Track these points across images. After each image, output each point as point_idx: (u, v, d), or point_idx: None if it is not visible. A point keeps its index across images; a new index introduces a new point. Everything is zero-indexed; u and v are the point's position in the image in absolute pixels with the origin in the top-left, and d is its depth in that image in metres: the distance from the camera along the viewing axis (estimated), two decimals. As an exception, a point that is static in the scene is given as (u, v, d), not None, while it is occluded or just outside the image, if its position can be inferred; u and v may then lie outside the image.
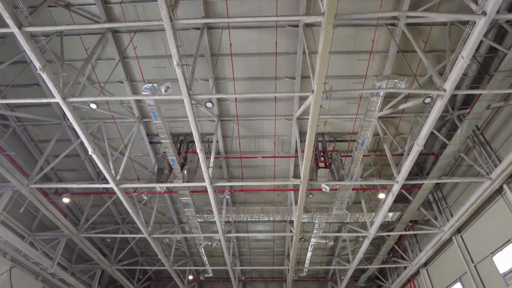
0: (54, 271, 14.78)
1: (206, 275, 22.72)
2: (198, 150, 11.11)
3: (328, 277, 24.66)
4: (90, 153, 11.13)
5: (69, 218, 16.04)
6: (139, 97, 10.50)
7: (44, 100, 10.33)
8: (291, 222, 18.09)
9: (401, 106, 11.62)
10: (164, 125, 11.49)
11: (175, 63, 8.43)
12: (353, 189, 15.56)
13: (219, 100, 13.28)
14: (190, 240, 21.47)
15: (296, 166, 15.38)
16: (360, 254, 16.51)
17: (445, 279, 15.65)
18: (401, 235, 18.95)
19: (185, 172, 13.15)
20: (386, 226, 19.00)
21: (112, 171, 12.26)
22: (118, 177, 12.53)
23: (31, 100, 10.40)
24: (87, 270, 18.89)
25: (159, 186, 13.87)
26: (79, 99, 9.87)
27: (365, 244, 15.66)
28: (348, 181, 13.78)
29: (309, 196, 14.01)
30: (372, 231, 14.88)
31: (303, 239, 16.35)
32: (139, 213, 14.72)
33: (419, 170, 16.26)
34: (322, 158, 13.56)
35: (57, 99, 9.50)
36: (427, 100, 9.61)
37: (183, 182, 13.21)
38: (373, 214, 15.66)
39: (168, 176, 13.41)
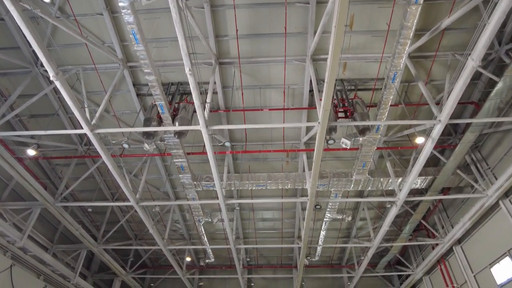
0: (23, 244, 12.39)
1: (207, 261, 20.39)
2: (192, 89, 8.86)
3: (343, 263, 22.24)
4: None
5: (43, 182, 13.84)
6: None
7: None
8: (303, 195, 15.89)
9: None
10: (148, 55, 9.26)
11: None
12: (377, 148, 13.23)
13: (217, 36, 11.06)
14: (189, 221, 19.24)
15: (309, 127, 13.03)
16: (385, 226, 14.11)
17: (488, 255, 13.22)
18: (429, 210, 16.56)
19: (177, 123, 10.94)
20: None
21: (88, 115, 10.07)
22: (94, 122, 10.30)
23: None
24: (71, 251, 16.68)
25: (146, 144, 11.71)
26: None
27: (392, 213, 13.28)
28: (374, 133, 11.51)
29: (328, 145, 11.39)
30: (402, 195, 12.51)
31: (318, 206, 13.99)
32: (125, 177, 12.52)
33: (452, 128, 13.91)
34: (342, 105, 11.29)
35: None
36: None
37: (175, 135, 11.01)
38: (400, 179, 13.31)
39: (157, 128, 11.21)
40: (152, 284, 23.09)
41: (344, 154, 15.12)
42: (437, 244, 16.20)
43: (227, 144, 12.05)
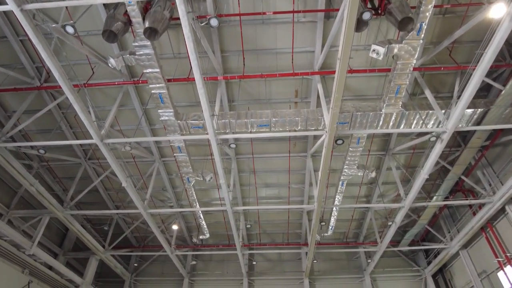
0: None
1: (201, 237, 17.31)
2: None
3: (360, 240, 19.15)
4: None
5: None
6: None
7: None
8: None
9: None
10: None
11: None
12: (414, 69, 10.22)
13: None
14: (179, 187, 16.24)
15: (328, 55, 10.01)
16: (424, 174, 10.99)
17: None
18: (468, 167, 13.50)
19: (148, 21, 7.97)
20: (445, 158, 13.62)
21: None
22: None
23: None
24: (30, 218, 13.73)
25: (112, 60, 8.73)
26: None
27: (437, 151, 10.17)
28: (415, 36, 8.48)
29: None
30: (450, 125, 9.43)
31: (340, 141, 10.93)
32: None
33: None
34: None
35: None
36: None
37: (145, 33, 8.00)
38: (445, 112, 10.25)
39: (122, 29, 8.24)
40: (135, 265, 20.03)
41: (369, 91, 12.11)
42: (481, 207, 13.16)
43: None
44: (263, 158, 14.71)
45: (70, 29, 7.10)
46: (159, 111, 10.43)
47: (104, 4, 9.40)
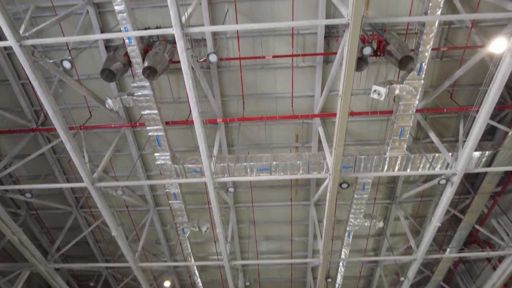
0: None
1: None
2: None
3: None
4: None
5: None
6: None
7: None
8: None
9: None
10: None
11: None
12: (417, 111, 10.05)
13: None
14: (173, 240, 15.22)
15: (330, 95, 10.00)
16: (435, 222, 10.17)
17: None
18: (481, 215, 12.72)
19: (148, 61, 8.01)
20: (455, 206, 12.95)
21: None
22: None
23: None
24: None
25: (110, 100, 8.64)
26: None
27: (447, 196, 9.53)
28: (416, 76, 8.46)
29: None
30: (460, 167, 8.95)
31: (345, 185, 10.28)
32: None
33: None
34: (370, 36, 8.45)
35: None
36: None
37: (144, 72, 7.98)
38: (452, 154, 9.84)
39: (121, 70, 8.25)
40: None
41: (371, 136, 11.89)
42: (500, 260, 12.13)
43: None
44: (264, 207, 14.00)
45: (67, 64, 7.05)
46: (155, 154, 10.08)
47: (106, 48, 9.57)
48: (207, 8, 9.03)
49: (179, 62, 7.00)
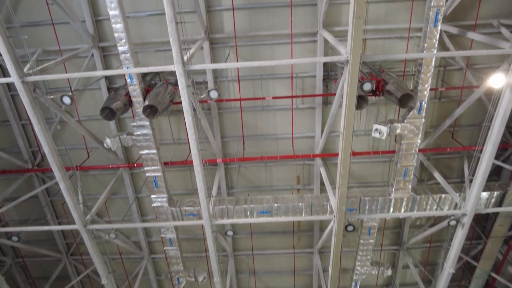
0: None
1: None
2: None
3: None
4: None
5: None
6: None
7: None
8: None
9: None
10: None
11: None
12: (419, 151, 9.91)
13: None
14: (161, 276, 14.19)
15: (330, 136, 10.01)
16: (449, 268, 9.46)
17: None
18: (497, 262, 11.98)
19: (149, 101, 8.07)
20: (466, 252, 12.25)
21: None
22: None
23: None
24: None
25: (109, 140, 8.58)
26: None
27: (459, 239, 8.92)
28: (416, 115, 8.46)
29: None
30: (470, 206, 8.54)
31: (351, 228, 9.65)
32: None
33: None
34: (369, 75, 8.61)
35: None
36: None
37: (144, 111, 7.98)
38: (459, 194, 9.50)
39: (122, 109, 8.27)
40: None
41: (374, 178, 11.64)
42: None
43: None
44: (264, 255, 13.24)
45: (67, 100, 7.06)
46: (152, 196, 9.73)
47: (108, 90, 9.72)
48: (209, 52, 9.35)
49: (180, 103, 7.03)
